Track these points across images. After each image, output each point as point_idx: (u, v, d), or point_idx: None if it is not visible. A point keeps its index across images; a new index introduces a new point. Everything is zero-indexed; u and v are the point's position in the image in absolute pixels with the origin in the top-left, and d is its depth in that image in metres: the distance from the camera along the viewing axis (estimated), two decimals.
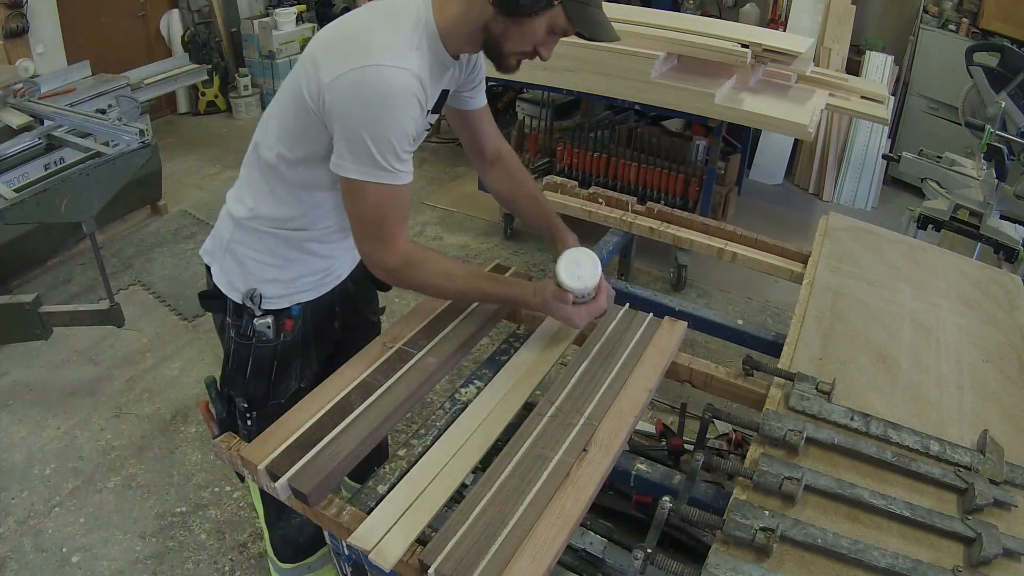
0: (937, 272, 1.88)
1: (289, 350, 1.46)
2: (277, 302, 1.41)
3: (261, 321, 1.39)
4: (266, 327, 1.40)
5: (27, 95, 3.27)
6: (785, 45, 3.22)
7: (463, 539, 1.00)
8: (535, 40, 1.21)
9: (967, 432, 1.32)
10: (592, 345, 1.42)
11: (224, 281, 1.42)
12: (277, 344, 1.43)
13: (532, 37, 1.20)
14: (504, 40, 1.20)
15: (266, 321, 1.39)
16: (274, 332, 1.41)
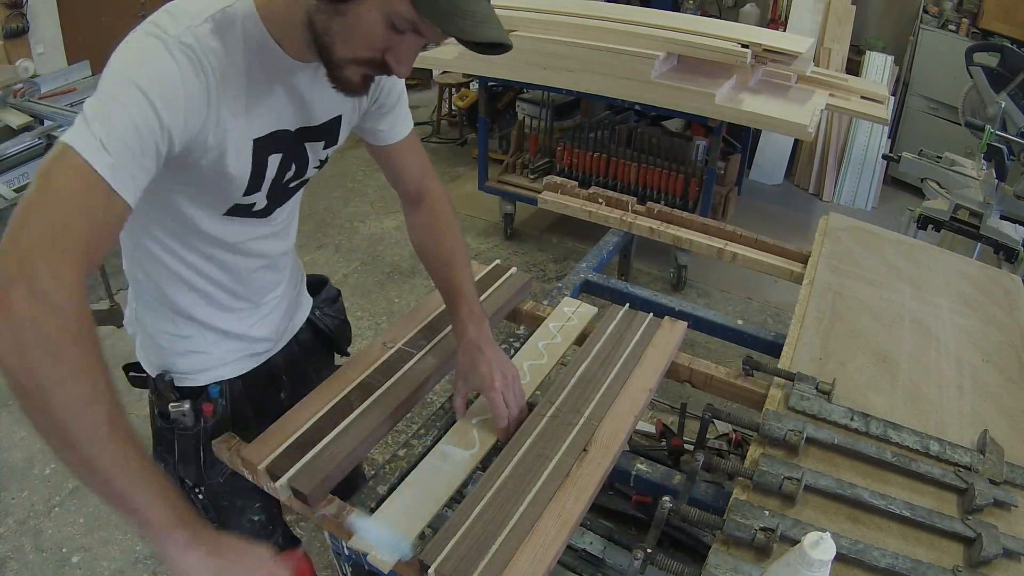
0: (937, 272, 1.88)
1: (213, 435, 1.18)
2: (193, 379, 1.19)
3: (176, 408, 1.17)
4: (182, 414, 1.17)
5: (27, 95, 3.27)
6: (785, 45, 3.22)
7: (463, 539, 1.00)
8: (372, 40, 0.86)
9: (967, 432, 1.32)
10: (592, 345, 1.42)
11: (142, 355, 1.24)
12: (198, 431, 1.19)
13: (366, 35, 0.86)
14: (329, 37, 0.86)
15: (181, 407, 1.17)
16: (192, 419, 1.18)
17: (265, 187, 1.04)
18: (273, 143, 1.00)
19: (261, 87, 0.94)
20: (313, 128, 1.06)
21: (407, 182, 1.29)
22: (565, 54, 3.27)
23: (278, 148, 1.01)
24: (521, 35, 3.35)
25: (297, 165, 1.08)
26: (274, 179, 1.04)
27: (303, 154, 1.08)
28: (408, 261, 3.80)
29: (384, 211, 4.30)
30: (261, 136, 0.97)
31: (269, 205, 1.09)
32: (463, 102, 4.97)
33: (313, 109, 1.04)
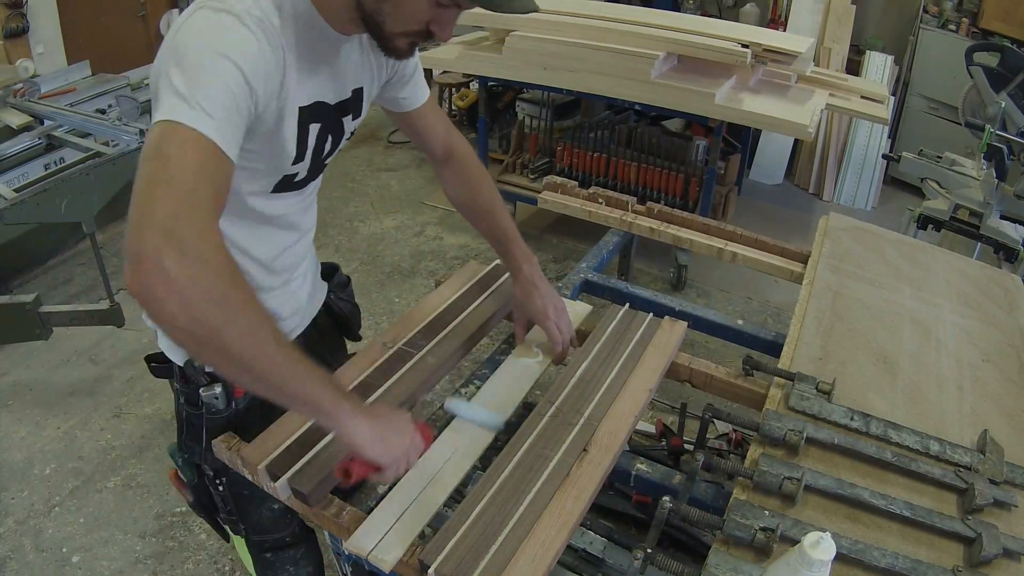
0: (937, 272, 1.88)
1: (245, 418, 1.26)
2: None
3: (208, 392, 1.21)
4: (214, 397, 1.21)
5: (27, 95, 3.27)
6: (785, 45, 3.22)
7: (463, 539, 1.00)
8: (418, 15, 0.95)
9: (967, 432, 1.32)
10: (592, 345, 1.42)
11: (167, 343, 1.25)
12: (230, 414, 1.24)
13: (413, 11, 0.95)
14: (380, 16, 0.95)
15: (213, 391, 1.21)
16: (224, 402, 1.23)
17: (308, 156, 1.09)
18: (313, 113, 1.05)
19: (309, 60, 1.00)
20: (345, 101, 1.12)
21: (433, 142, 1.37)
22: (565, 54, 3.27)
23: (318, 119, 1.07)
24: (521, 35, 3.35)
25: (333, 137, 1.14)
26: (314, 149, 1.10)
27: (339, 126, 1.14)
28: (408, 261, 3.80)
29: (384, 211, 4.30)
30: (305, 105, 1.03)
31: (308, 176, 1.15)
32: (463, 102, 4.96)
33: (346, 82, 1.11)
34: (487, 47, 3.63)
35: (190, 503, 1.39)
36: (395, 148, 5.03)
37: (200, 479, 1.34)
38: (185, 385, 1.24)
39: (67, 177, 2.68)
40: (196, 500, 1.37)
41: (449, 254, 3.86)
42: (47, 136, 3.21)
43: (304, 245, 1.30)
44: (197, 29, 0.86)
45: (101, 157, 2.85)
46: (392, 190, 4.55)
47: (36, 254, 3.47)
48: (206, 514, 1.42)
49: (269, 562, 1.45)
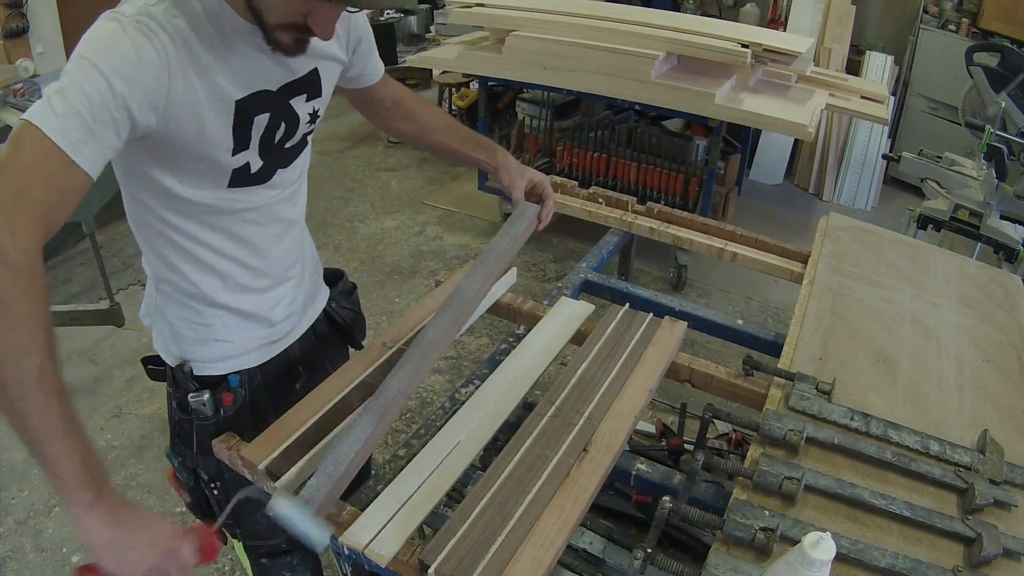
0: (937, 272, 1.88)
1: (235, 425, 1.22)
2: (213, 367, 1.22)
3: (196, 398, 1.19)
4: (201, 404, 1.20)
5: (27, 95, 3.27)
6: (785, 45, 3.22)
7: (463, 539, 1.00)
8: (291, 7, 0.92)
9: (967, 432, 1.32)
10: (592, 345, 1.42)
11: (160, 345, 1.25)
12: (218, 420, 1.22)
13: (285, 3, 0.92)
14: (258, 7, 0.93)
15: (201, 398, 1.19)
16: (212, 409, 1.21)
17: (254, 146, 1.07)
18: (257, 103, 1.03)
19: (232, 51, 0.98)
20: (295, 82, 1.09)
21: (390, 100, 1.39)
22: (565, 54, 3.27)
23: (263, 107, 1.05)
24: (521, 35, 3.35)
25: (287, 123, 1.11)
26: (263, 137, 1.07)
27: (290, 111, 1.11)
28: (408, 261, 3.80)
29: (384, 211, 4.30)
30: (243, 97, 1.01)
31: (266, 166, 1.11)
32: (463, 102, 4.97)
33: (289, 64, 1.07)
34: (487, 47, 3.63)
35: (188, 504, 1.39)
36: (395, 148, 5.03)
37: (196, 482, 1.33)
38: (176, 389, 1.23)
39: None
40: (194, 502, 1.37)
41: (449, 254, 3.86)
42: None
43: (292, 241, 1.26)
44: (84, 38, 0.87)
45: None
46: (392, 190, 4.55)
47: None
48: (204, 516, 1.42)
49: (265, 567, 1.45)
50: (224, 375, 1.23)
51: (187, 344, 1.21)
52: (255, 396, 1.27)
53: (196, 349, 1.21)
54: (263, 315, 1.24)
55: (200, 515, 1.42)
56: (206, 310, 1.18)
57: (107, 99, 0.85)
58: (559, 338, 1.47)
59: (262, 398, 1.29)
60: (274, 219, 1.19)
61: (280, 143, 1.12)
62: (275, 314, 1.27)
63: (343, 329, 1.48)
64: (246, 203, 1.13)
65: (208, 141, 1.00)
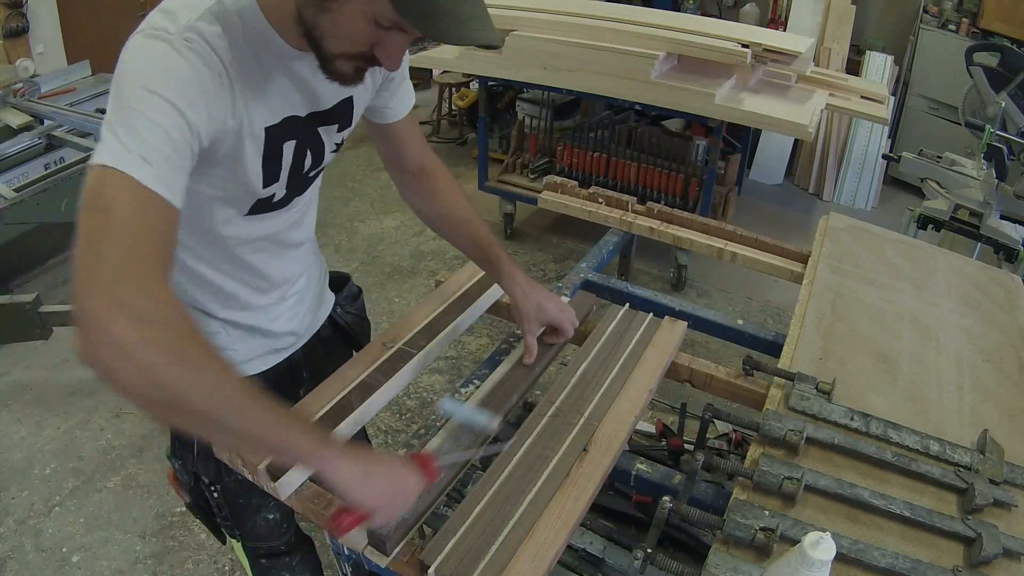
0: (937, 272, 1.88)
1: None
2: None
3: None
4: None
5: (27, 95, 3.27)
6: (785, 45, 3.22)
7: (463, 539, 1.00)
8: (358, 35, 0.86)
9: (967, 432, 1.32)
10: (592, 345, 1.42)
11: None
12: None
13: (352, 32, 0.86)
14: (318, 32, 0.87)
15: None
16: None
17: (283, 177, 1.04)
18: (285, 130, 1.00)
19: (267, 75, 0.94)
20: (324, 112, 1.06)
21: (410, 156, 1.32)
22: (565, 54, 3.27)
23: (292, 135, 1.01)
24: (521, 35, 3.35)
25: (313, 152, 1.08)
26: (291, 168, 1.04)
27: (318, 140, 1.08)
28: (408, 261, 3.80)
29: (384, 211, 4.30)
30: (273, 124, 0.98)
31: (288, 195, 1.10)
32: (463, 102, 4.97)
33: (321, 94, 1.03)
34: None
35: (187, 504, 1.39)
36: None
37: (196, 485, 1.32)
38: None
39: (67, 177, 2.68)
40: (193, 502, 1.37)
41: (449, 254, 3.86)
42: (47, 136, 3.22)
43: (297, 260, 1.25)
44: (130, 59, 0.82)
45: None
46: (392, 190, 4.52)
47: (36, 254, 3.47)
48: (203, 516, 1.42)
49: (265, 568, 1.45)
50: None
51: None
52: None
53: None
54: (266, 328, 1.24)
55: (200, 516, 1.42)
56: (210, 321, 1.18)
57: (183, 130, 0.81)
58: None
59: None
60: (281, 245, 1.18)
61: (307, 171, 1.10)
62: (278, 326, 1.26)
63: (347, 334, 1.47)
64: (258, 230, 1.11)
65: (242, 171, 0.97)
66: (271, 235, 1.14)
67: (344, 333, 1.47)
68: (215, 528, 1.43)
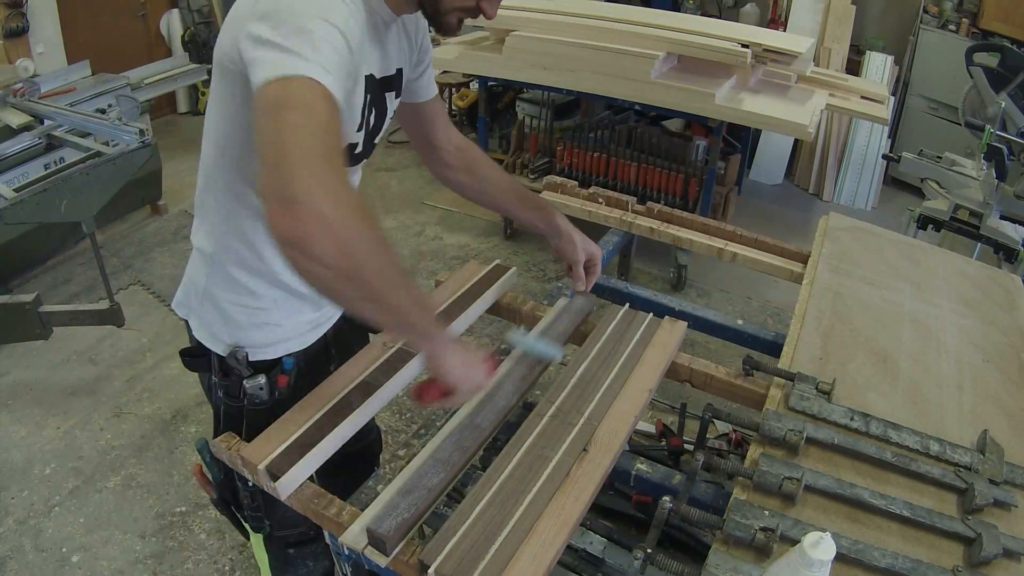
0: (937, 272, 1.88)
1: (286, 407, 1.23)
2: (267, 351, 1.26)
3: (252, 382, 1.22)
4: (258, 388, 1.23)
5: (27, 95, 3.27)
6: (785, 45, 3.23)
7: (463, 539, 1.00)
8: None
9: (967, 432, 1.32)
10: (592, 345, 1.42)
11: (206, 334, 1.26)
12: (272, 403, 1.25)
13: None
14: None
15: (257, 381, 1.22)
16: (268, 392, 1.24)
17: (364, 127, 1.14)
18: (371, 85, 1.11)
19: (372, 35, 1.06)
20: (390, 78, 1.17)
21: (442, 134, 1.42)
22: (565, 54, 3.27)
23: (372, 90, 1.12)
24: (521, 35, 3.35)
25: (378, 111, 1.18)
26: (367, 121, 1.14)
27: (383, 102, 1.18)
28: (408, 261, 3.80)
29: (384, 211, 4.30)
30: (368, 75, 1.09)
31: (363, 150, 1.19)
32: (463, 102, 4.97)
33: (392, 59, 1.15)
34: (487, 47, 3.63)
35: (213, 500, 1.39)
36: (395, 148, 5.02)
37: (227, 477, 1.32)
38: (225, 377, 1.24)
39: (67, 177, 2.68)
40: (219, 497, 1.38)
41: (449, 254, 3.86)
42: (47, 136, 3.21)
43: None
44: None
45: (101, 157, 2.85)
46: (392, 190, 4.55)
47: (36, 254, 3.47)
48: (228, 511, 1.43)
49: (291, 558, 1.46)
50: (278, 358, 1.28)
51: (241, 330, 1.24)
52: (300, 377, 1.32)
53: (250, 334, 1.25)
54: (314, 297, 1.28)
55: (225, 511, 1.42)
56: (265, 292, 1.22)
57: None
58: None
59: (304, 380, 1.32)
60: None
61: (372, 129, 1.19)
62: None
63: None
64: None
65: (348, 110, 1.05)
66: None
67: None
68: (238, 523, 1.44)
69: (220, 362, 1.25)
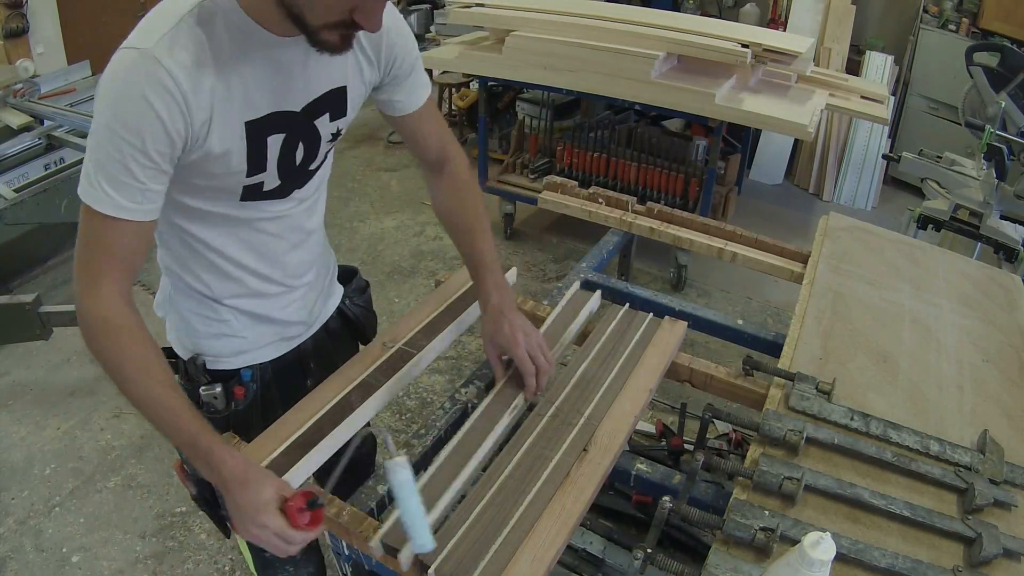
0: (937, 272, 1.88)
1: (245, 419, 1.26)
2: (226, 362, 1.25)
3: (207, 391, 1.21)
4: (213, 397, 1.22)
5: (27, 95, 3.27)
6: (785, 45, 3.22)
7: (463, 539, 1.00)
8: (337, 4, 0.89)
9: (967, 432, 1.32)
10: (592, 345, 1.42)
11: (173, 338, 1.26)
12: (228, 415, 1.25)
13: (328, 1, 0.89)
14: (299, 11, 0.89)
15: (212, 391, 1.21)
16: (223, 402, 1.23)
17: (271, 167, 1.07)
18: (271, 124, 1.02)
19: (254, 71, 0.97)
20: (316, 101, 1.07)
21: (427, 149, 1.31)
22: (565, 54, 3.27)
23: (278, 129, 1.04)
24: (521, 35, 3.35)
25: (306, 144, 1.10)
26: (280, 159, 1.07)
27: (312, 132, 1.10)
28: (408, 261, 3.80)
29: (384, 211, 4.30)
30: (256, 119, 1.00)
31: (284, 186, 1.12)
32: (463, 102, 4.96)
33: (312, 81, 1.05)
34: (487, 47, 3.63)
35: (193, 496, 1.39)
36: (395, 148, 5.02)
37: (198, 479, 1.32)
38: (187, 383, 1.23)
39: (67, 177, 2.69)
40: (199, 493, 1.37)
41: (449, 254, 3.86)
42: (47, 136, 3.21)
43: (307, 251, 1.26)
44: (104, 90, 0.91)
45: None
46: (392, 190, 4.55)
47: (36, 254, 3.47)
48: (208, 508, 1.42)
49: (268, 561, 1.45)
50: (237, 369, 1.25)
51: (200, 338, 1.23)
52: (266, 390, 1.29)
53: (209, 344, 1.23)
54: (276, 317, 1.26)
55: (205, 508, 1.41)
56: (220, 308, 1.20)
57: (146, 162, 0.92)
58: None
59: (272, 393, 1.30)
60: (290, 230, 1.20)
61: (301, 165, 1.11)
62: (288, 315, 1.28)
63: (354, 325, 1.49)
64: (261, 214, 1.13)
65: (223, 163, 1.01)
66: (276, 217, 1.16)
67: (352, 325, 1.48)
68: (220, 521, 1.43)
69: (184, 367, 1.24)
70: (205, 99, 0.94)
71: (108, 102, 0.90)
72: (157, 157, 0.92)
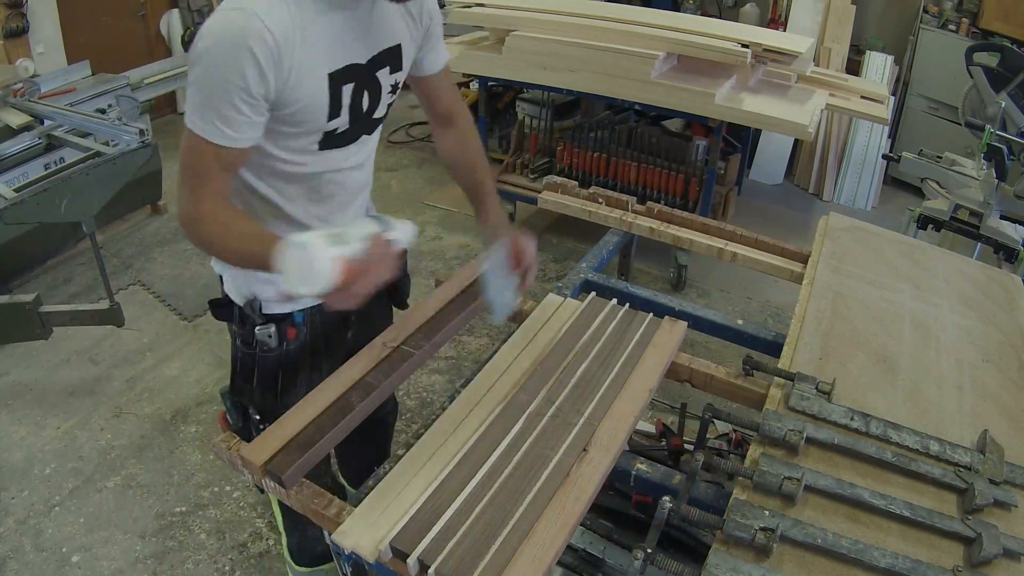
0: (937, 272, 1.88)
1: (294, 359, 1.40)
2: (280, 306, 1.36)
3: (262, 329, 1.34)
4: (267, 336, 1.35)
5: (27, 95, 3.27)
6: (785, 45, 3.22)
7: (463, 539, 1.00)
8: None
9: (967, 432, 1.32)
10: (592, 345, 1.42)
11: (232, 287, 1.39)
12: (281, 353, 1.38)
13: None
14: None
15: (267, 330, 1.35)
16: (276, 341, 1.36)
17: (344, 113, 1.22)
18: (346, 75, 1.18)
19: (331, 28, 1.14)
20: (378, 56, 1.24)
21: (441, 106, 1.49)
22: (565, 54, 3.27)
23: (350, 79, 1.20)
24: (521, 35, 3.35)
25: (371, 93, 1.25)
26: (351, 106, 1.22)
27: (375, 82, 1.25)
28: (408, 261, 3.80)
29: (384, 211, 4.27)
30: (336, 70, 1.16)
31: (352, 128, 1.26)
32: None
33: (374, 38, 1.22)
34: (487, 47, 3.63)
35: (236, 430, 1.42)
36: (395, 148, 5.03)
37: (245, 424, 1.42)
38: (242, 327, 1.37)
39: (67, 177, 2.68)
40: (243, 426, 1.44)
41: (449, 254, 3.86)
42: (47, 136, 3.21)
43: (354, 212, 1.40)
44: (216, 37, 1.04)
45: (101, 157, 2.85)
46: (392, 190, 4.55)
47: (36, 254, 3.47)
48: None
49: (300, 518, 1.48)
50: (289, 312, 1.37)
51: (258, 283, 1.33)
52: (313, 336, 1.42)
53: (266, 288, 1.32)
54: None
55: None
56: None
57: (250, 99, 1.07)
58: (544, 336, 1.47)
59: (319, 340, 1.44)
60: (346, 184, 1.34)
61: (367, 112, 1.27)
62: None
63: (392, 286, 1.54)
64: (328, 166, 1.27)
65: (311, 107, 1.16)
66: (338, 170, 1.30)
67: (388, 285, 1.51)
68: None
69: (239, 314, 1.37)
70: (295, 53, 1.09)
71: (218, 51, 1.04)
72: (258, 95, 1.08)
